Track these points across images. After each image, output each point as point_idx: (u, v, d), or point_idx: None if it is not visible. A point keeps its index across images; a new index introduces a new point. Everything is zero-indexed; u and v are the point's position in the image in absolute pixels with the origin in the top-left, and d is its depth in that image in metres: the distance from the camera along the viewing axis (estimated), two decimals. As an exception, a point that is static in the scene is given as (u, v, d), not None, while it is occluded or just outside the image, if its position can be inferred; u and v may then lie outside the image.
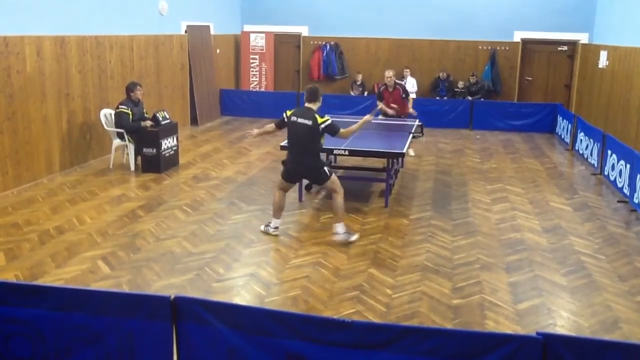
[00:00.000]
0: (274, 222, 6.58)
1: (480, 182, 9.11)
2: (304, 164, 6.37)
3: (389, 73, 10.14)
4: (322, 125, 6.21)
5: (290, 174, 6.55)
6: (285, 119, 6.42)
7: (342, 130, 6.41)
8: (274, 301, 5.00)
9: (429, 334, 3.07)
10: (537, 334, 3.00)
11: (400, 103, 10.20)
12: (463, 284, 5.46)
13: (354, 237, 6.42)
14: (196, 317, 3.27)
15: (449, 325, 4.67)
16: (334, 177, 6.44)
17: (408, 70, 14.63)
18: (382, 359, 3.08)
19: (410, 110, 10.49)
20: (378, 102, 10.21)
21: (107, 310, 3.34)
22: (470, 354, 3.00)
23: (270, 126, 6.60)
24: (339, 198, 6.35)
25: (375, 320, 4.70)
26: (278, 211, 6.57)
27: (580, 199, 8.38)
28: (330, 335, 3.13)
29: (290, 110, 6.50)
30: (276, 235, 6.54)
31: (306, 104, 6.42)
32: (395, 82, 10.20)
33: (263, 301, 4.99)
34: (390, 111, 10.06)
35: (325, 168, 6.39)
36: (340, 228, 6.34)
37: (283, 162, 6.67)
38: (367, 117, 6.80)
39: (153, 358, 3.34)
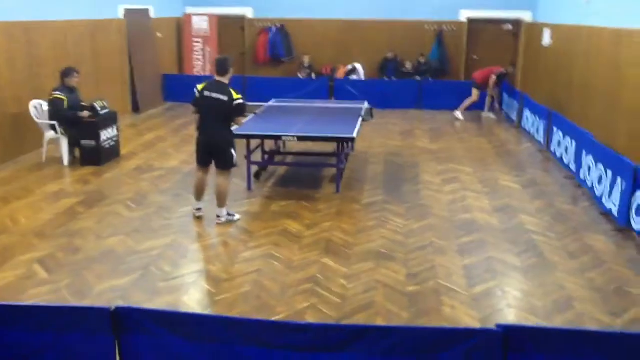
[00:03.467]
0: (196, 204, 6.50)
1: (431, 163, 9.08)
2: (215, 141, 6.15)
3: None
4: (236, 102, 5.98)
5: (201, 155, 6.29)
6: (198, 94, 6.11)
7: (244, 118, 6.24)
8: (224, 299, 4.79)
9: (386, 332, 2.95)
10: (497, 326, 2.92)
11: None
12: (418, 269, 5.38)
13: (237, 217, 6.48)
14: (141, 327, 3.03)
15: (405, 314, 4.58)
16: (234, 168, 6.38)
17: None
18: (340, 360, 2.94)
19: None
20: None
21: (44, 326, 3.07)
22: (430, 350, 2.89)
23: (195, 114, 6.27)
24: (228, 183, 6.34)
25: (331, 313, 4.56)
26: (198, 194, 6.47)
27: (529, 176, 8.46)
28: (286, 338, 2.96)
29: (201, 84, 6.18)
30: (199, 217, 6.44)
31: (217, 78, 6.11)
32: None
33: (213, 300, 4.77)
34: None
35: (234, 152, 6.22)
36: (224, 211, 6.39)
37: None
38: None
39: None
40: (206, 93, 6.06)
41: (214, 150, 6.23)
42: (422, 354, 2.88)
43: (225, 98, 5.97)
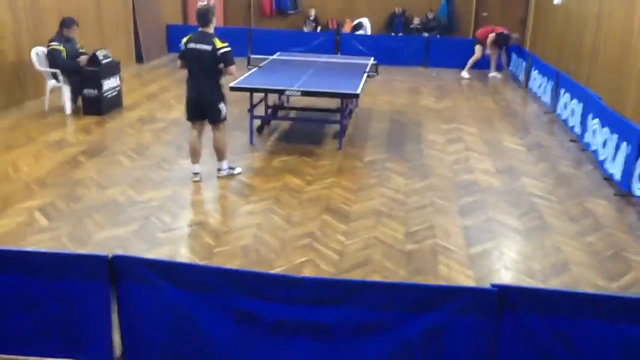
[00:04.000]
0: (193, 168, 6.30)
1: (435, 122, 9.01)
2: (201, 95, 6.01)
3: None
4: (221, 51, 5.81)
5: (191, 110, 6.14)
6: (183, 47, 5.97)
7: (234, 66, 5.96)
8: (223, 251, 4.82)
9: (382, 288, 2.97)
10: (492, 285, 2.94)
11: None
12: (416, 228, 5.39)
13: (238, 170, 6.46)
14: (137, 276, 3.07)
15: (402, 272, 4.61)
16: (225, 121, 6.24)
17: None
18: (335, 314, 2.98)
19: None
20: None
21: (42, 272, 3.10)
22: (425, 306, 2.92)
23: (181, 67, 6.15)
24: (223, 136, 6.25)
25: (328, 268, 4.60)
26: (193, 156, 6.26)
27: (533, 138, 8.39)
28: (281, 292, 2.99)
29: (186, 37, 6.02)
30: (196, 182, 6.24)
31: (200, 29, 5.94)
32: None
33: (212, 252, 4.80)
34: None
35: (223, 106, 6.09)
36: (224, 164, 6.36)
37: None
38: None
39: (92, 320, 3.14)
40: (190, 45, 5.89)
41: (203, 105, 6.07)
42: (417, 310, 2.90)
43: (209, 48, 5.81)
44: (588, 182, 6.75)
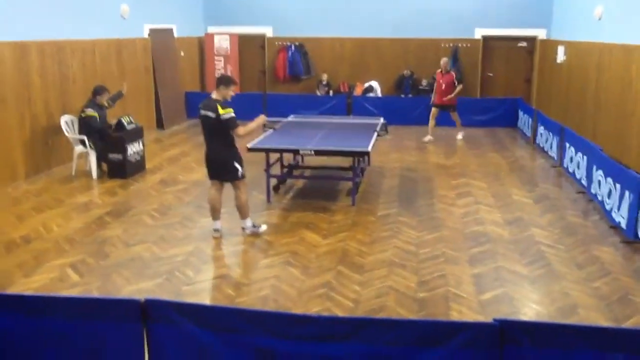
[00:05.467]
0: (214, 225, 6.61)
1: (444, 178, 9.31)
2: (214, 157, 6.39)
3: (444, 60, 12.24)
4: (223, 117, 6.13)
5: (208, 170, 6.54)
6: (198, 113, 6.40)
7: (240, 128, 6.26)
8: (244, 301, 5.07)
9: (390, 325, 3.20)
10: (494, 320, 3.15)
11: (452, 88, 12.04)
12: (428, 277, 5.62)
13: (263, 228, 6.70)
14: (166, 318, 3.33)
15: (415, 318, 4.80)
16: (244, 180, 6.51)
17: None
18: (348, 349, 3.19)
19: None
20: None
21: (79, 315, 3.38)
22: (430, 342, 3.13)
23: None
24: (244, 197, 6.50)
25: (344, 315, 4.81)
26: (213, 212, 6.58)
27: (541, 191, 8.64)
28: (297, 329, 3.22)
29: (201, 102, 6.44)
30: (217, 238, 6.55)
31: (212, 94, 6.35)
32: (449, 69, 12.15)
33: (233, 302, 5.06)
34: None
35: (237, 165, 6.38)
36: (248, 222, 6.60)
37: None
38: (262, 116, 6.75)
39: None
40: (202, 111, 6.30)
41: (215, 165, 6.45)
42: (423, 345, 3.11)
43: (212, 114, 6.15)
44: (595, 231, 6.95)
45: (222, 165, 6.40)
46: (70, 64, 9.81)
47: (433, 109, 12.48)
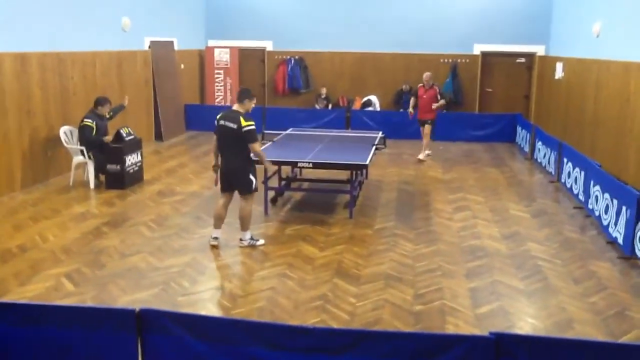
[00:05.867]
0: (213, 232, 6.69)
1: (442, 192, 9.33)
2: (230, 168, 6.47)
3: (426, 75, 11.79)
4: (245, 129, 6.25)
5: (221, 181, 6.62)
6: (216, 123, 6.49)
7: (258, 143, 6.48)
8: (239, 313, 5.05)
9: (386, 337, 3.19)
10: (490, 334, 3.15)
11: (434, 102, 11.68)
12: (424, 290, 5.60)
13: (261, 242, 6.72)
14: (161, 328, 3.33)
15: (411, 331, 4.79)
16: (254, 194, 6.62)
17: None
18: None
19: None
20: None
21: (74, 324, 3.37)
22: (426, 354, 3.13)
23: (214, 144, 6.58)
24: (250, 208, 6.59)
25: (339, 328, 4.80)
26: (216, 221, 6.67)
27: (538, 206, 8.66)
28: (293, 341, 3.22)
29: (220, 114, 6.55)
30: (214, 246, 6.60)
31: (234, 106, 6.49)
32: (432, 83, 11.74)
33: (229, 313, 5.04)
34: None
35: (252, 178, 6.49)
36: (247, 235, 6.66)
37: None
38: (270, 165, 7.06)
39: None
40: (221, 122, 6.43)
41: (231, 177, 6.55)
42: (419, 358, 3.11)
43: (234, 126, 6.28)
44: (592, 246, 6.96)
45: (237, 176, 6.50)
46: (71, 75, 9.85)
47: (421, 127, 12.08)
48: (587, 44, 11.64)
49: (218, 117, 6.51)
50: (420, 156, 11.87)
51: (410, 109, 12.07)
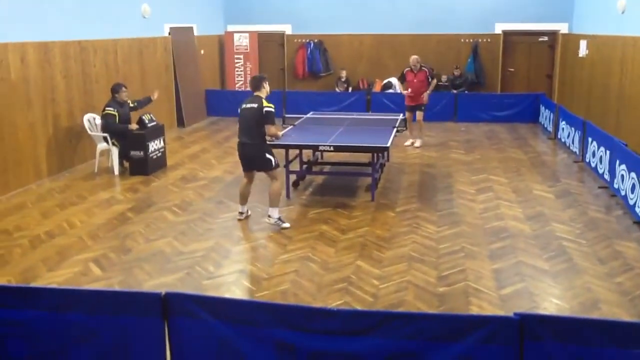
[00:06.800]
0: (240, 208, 7.04)
1: (465, 174, 9.26)
2: (247, 148, 6.66)
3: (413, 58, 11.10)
4: (265, 109, 6.48)
5: (241, 162, 6.87)
6: (239, 109, 6.73)
7: (274, 127, 6.74)
8: (263, 296, 5.11)
9: (410, 319, 3.20)
10: (514, 314, 3.14)
11: (426, 86, 11.06)
12: (448, 272, 5.60)
13: (286, 225, 6.78)
14: (187, 312, 3.37)
15: (435, 312, 4.79)
16: (279, 168, 6.83)
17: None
18: (367, 344, 3.20)
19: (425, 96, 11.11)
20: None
21: (101, 309, 3.44)
22: (451, 336, 3.13)
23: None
24: (278, 185, 6.74)
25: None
26: (241, 199, 7.00)
27: (563, 186, 8.55)
28: (317, 323, 3.24)
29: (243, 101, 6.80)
30: (240, 220, 6.98)
31: (255, 93, 6.69)
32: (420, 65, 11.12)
33: (253, 296, 5.10)
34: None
35: (270, 156, 6.68)
36: (275, 212, 6.75)
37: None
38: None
39: (146, 352, 3.44)
40: (243, 105, 6.69)
41: (248, 158, 6.76)
42: (443, 339, 3.11)
43: (255, 105, 6.54)
44: (618, 226, 6.86)
45: (254, 156, 6.70)
46: (93, 63, 9.94)
47: (408, 114, 10.89)
48: (612, 20, 11.37)
49: (242, 102, 6.73)
50: (417, 143, 11.19)
51: (404, 91, 11.55)
